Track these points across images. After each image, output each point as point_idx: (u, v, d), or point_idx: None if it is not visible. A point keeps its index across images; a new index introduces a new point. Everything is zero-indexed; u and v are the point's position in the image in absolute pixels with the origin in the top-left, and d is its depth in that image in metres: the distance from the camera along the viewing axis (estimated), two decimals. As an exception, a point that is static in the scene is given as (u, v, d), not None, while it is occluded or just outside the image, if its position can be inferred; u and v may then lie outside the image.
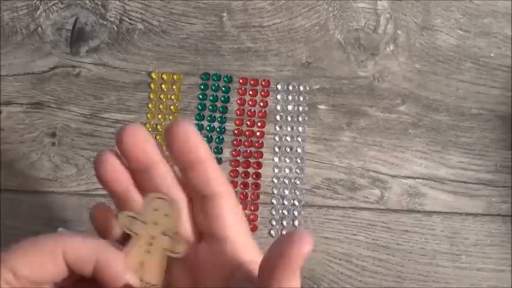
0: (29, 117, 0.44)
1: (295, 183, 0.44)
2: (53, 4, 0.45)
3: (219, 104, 0.44)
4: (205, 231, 0.28)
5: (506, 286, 0.43)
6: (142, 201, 0.28)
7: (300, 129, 0.44)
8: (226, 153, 0.43)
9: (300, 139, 0.44)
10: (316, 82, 0.44)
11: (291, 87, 0.44)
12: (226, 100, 0.44)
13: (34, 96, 0.44)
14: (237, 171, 0.43)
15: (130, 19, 0.44)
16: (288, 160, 0.44)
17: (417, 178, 0.44)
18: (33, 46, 0.44)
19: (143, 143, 0.28)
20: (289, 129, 0.44)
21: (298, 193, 0.44)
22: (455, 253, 0.43)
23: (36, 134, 0.43)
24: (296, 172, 0.44)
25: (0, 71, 0.44)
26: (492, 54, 0.45)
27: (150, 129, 0.43)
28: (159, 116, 0.43)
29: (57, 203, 0.43)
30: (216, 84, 0.44)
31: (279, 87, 0.44)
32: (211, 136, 0.43)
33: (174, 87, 0.43)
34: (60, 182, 0.43)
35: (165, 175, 0.29)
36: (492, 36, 0.45)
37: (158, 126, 0.43)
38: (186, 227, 0.29)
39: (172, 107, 0.43)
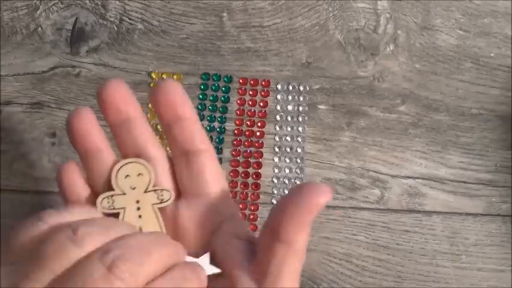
0: (29, 117, 0.44)
1: (295, 183, 0.44)
2: (53, 4, 0.45)
3: (219, 104, 0.44)
4: (186, 189, 0.29)
5: (506, 286, 0.43)
6: (111, 176, 0.28)
7: (300, 129, 0.44)
8: (226, 153, 0.43)
9: (300, 139, 0.44)
10: (316, 82, 0.44)
11: (291, 87, 0.44)
12: (226, 100, 0.44)
13: (34, 96, 0.44)
14: (237, 171, 0.43)
15: (130, 19, 0.44)
16: (288, 160, 0.44)
17: (417, 178, 0.44)
18: (33, 46, 0.44)
19: (125, 95, 0.28)
20: (289, 129, 0.44)
21: (298, 193, 0.44)
22: (455, 253, 0.43)
23: (36, 134, 0.43)
24: (296, 172, 0.44)
25: (0, 71, 0.44)
26: (492, 54, 0.45)
27: (150, 129, 0.43)
28: (159, 116, 0.43)
29: (57, 203, 0.43)
30: (216, 84, 0.44)
31: (279, 87, 0.44)
32: (211, 136, 0.43)
33: (174, 87, 0.43)
34: (60, 182, 0.43)
35: (144, 129, 0.29)
36: (492, 36, 0.45)
37: (158, 126, 0.43)
38: (167, 185, 0.29)
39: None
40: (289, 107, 0.44)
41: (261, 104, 0.44)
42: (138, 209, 0.29)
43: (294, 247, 0.25)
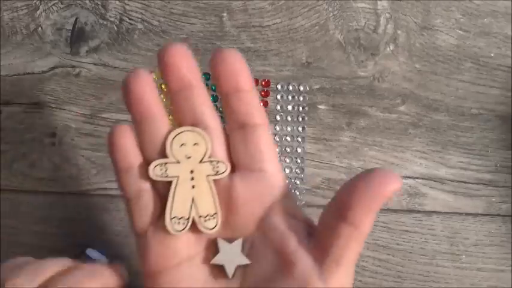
0: (29, 117, 0.44)
1: (295, 183, 0.44)
2: (53, 4, 0.45)
3: (219, 104, 0.44)
4: (241, 163, 0.28)
5: (506, 286, 0.43)
6: (165, 143, 0.27)
7: (300, 129, 0.44)
8: (226, 153, 0.43)
9: (300, 139, 0.44)
10: (316, 82, 0.44)
11: (291, 87, 0.44)
12: (226, 100, 0.44)
13: (34, 96, 0.44)
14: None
15: (130, 19, 0.44)
16: (288, 160, 0.44)
17: (417, 178, 0.44)
18: (33, 46, 0.44)
19: (188, 60, 0.27)
20: (289, 129, 0.44)
21: (298, 193, 0.44)
22: (455, 253, 0.43)
23: (36, 134, 0.43)
24: (296, 172, 0.44)
25: (0, 71, 0.44)
26: (492, 54, 0.45)
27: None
28: (159, 116, 0.43)
29: (57, 203, 0.43)
30: (216, 84, 0.44)
31: (279, 87, 0.44)
32: (211, 136, 0.43)
33: (174, 87, 0.43)
34: (60, 182, 0.43)
35: (203, 98, 0.28)
36: (492, 36, 0.45)
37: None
38: (221, 157, 0.28)
39: (172, 107, 0.43)
40: (289, 107, 0.44)
41: (261, 104, 0.44)
42: (192, 179, 0.28)
43: (360, 230, 0.24)
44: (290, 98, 0.44)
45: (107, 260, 0.37)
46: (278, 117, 0.44)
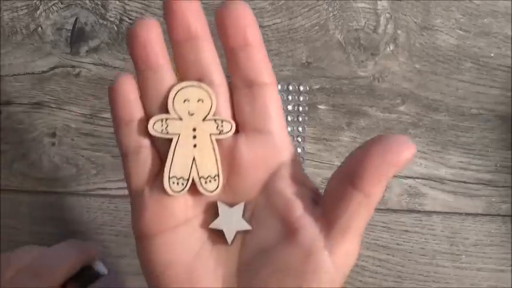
0: (29, 117, 0.44)
1: (295, 183, 0.44)
2: (53, 4, 0.45)
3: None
4: (247, 123, 0.26)
5: (506, 286, 0.43)
6: (168, 98, 0.26)
7: (300, 129, 0.44)
8: (226, 153, 0.43)
9: (300, 139, 0.44)
10: (316, 82, 0.44)
11: (291, 87, 0.44)
12: (226, 100, 0.44)
13: (34, 96, 0.44)
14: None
15: (130, 19, 0.44)
16: (288, 160, 0.44)
17: (417, 178, 0.44)
18: (33, 46, 0.44)
19: (196, 10, 0.26)
20: (289, 129, 0.44)
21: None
22: (455, 253, 0.43)
23: (36, 134, 0.43)
24: (296, 172, 0.44)
25: (0, 71, 0.44)
26: (492, 54, 0.45)
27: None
28: (159, 116, 0.43)
29: (57, 203, 0.43)
30: (216, 84, 0.44)
31: (279, 87, 0.44)
32: (211, 136, 0.43)
33: (174, 87, 0.43)
34: (60, 182, 0.43)
35: (210, 52, 0.26)
36: (492, 36, 0.45)
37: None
38: (226, 116, 0.26)
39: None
40: (289, 107, 0.44)
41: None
42: (194, 137, 0.26)
43: (370, 198, 0.23)
44: (290, 98, 0.44)
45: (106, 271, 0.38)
46: (278, 117, 0.44)
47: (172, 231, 0.25)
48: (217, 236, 0.26)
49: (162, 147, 0.26)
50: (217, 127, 0.26)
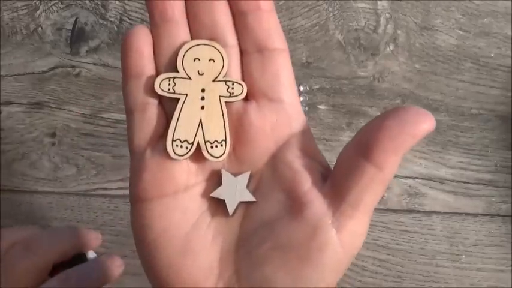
0: (29, 117, 0.44)
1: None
2: (53, 4, 0.45)
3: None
4: (257, 90, 0.25)
5: (506, 286, 0.43)
6: (178, 56, 0.24)
7: (300, 129, 0.44)
8: (226, 153, 0.43)
9: (300, 139, 0.44)
10: (316, 82, 0.44)
11: (291, 87, 0.44)
12: (226, 100, 0.44)
13: (34, 96, 0.44)
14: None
15: (130, 19, 0.44)
16: (288, 160, 0.44)
17: (417, 178, 0.44)
18: (33, 46, 0.44)
19: None
20: (289, 129, 0.44)
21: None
22: (455, 253, 0.43)
23: (36, 134, 0.43)
24: (296, 172, 0.44)
25: (0, 71, 0.44)
26: (492, 54, 0.45)
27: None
28: (159, 116, 0.43)
29: (57, 203, 0.43)
30: (216, 84, 0.44)
31: (279, 87, 0.44)
32: (211, 136, 0.43)
33: (174, 87, 0.43)
34: (60, 182, 0.43)
35: (226, 11, 0.25)
36: (492, 36, 0.45)
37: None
38: (238, 78, 0.25)
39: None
40: (289, 107, 0.44)
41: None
42: (203, 99, 0.25)
43: (383, 172, 0.22)
44: None
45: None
46: (278, 117, 0.44)
47: (171, 196, 0.24)
48: (218, 206, 0.24)
49: (169, 108, 0.25)
50: (227, 89, 0.25)
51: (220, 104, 0.25)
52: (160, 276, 0.24)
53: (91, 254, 0.37)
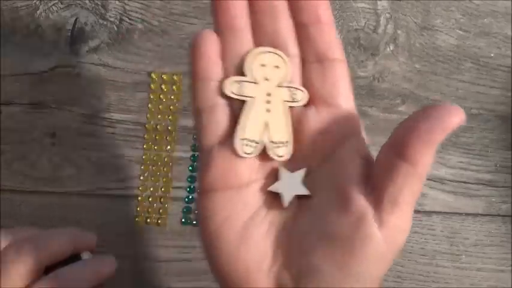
0: (29, 117, 0.44)
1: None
2: (53, 4, 0.45)
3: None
4: (317, 96, 0.27)
5: (506, 286, 0.43)
6: (245, 61, 0.27)
7: (300, 129, 0.44)
8: (226, 153, 0.43)
9: (300, 139, 0.44)
10: (316, 82, 0.44)
11: (291, 87, 0.44)
12: (226, 100, 0.44)
13: (34, 96, 0.44)
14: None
15: (130, 19, 0.44)
16: (288, 160, 0.44)
17: (417, 178, 0.44)
18: (33, 46, 0.44)
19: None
20: (289, 129, 0.44)
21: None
22: (455, 253, 0.43)
23: (36, 134, 0.43)
24: (296, 172, 0.44)
25: (0, 71, 0.44)
26: (492, 54, 0.45)
27: (150, 130, 0.43)
28: (159, 116, 0.43)
29: (57, 203, 0.43)
30: (216, 84, 0.44)
31: (279, 87, 0.44)
32: (211, 136, 0.43)
33: (174, 87, 0.43)
34: (60, 182, 0.43)
35: (289, 23, 0.27)
36: (492, 36, 0.45)
37: (158, 127, 0.43)
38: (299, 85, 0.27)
39: (172, 107, 0.43)
40: (289, 107, 0.44)
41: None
42: (268, 102, 0.27)
43: (418, 168, 0.23)
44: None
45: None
46: (278, 117, 0.44)
47: (234, 190, 0.26)
48: (274, 199, 0.26)
49: (235, 109, 0.27)
50: (290, 95, 0.27)
51: (284, 107, 0.27)
52: (220, 263, 0.26)
53: (86, 255, 0.37)
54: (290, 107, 0.27)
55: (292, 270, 0.25)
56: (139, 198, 0.42)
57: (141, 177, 0.43)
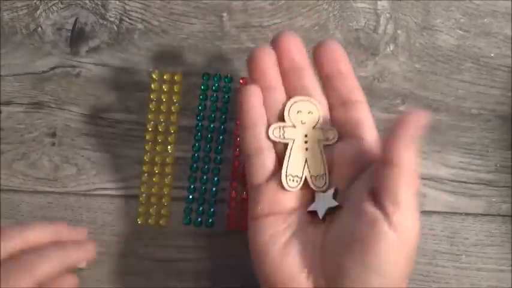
0: (29, 117, 0.44)
1: (295, 183, 0.44)
2: (53, 4, 0.45)
3: (219, 104, 0.44)
4: (343, 132, 0.33)
5: (506, 286, 0.43)
6: (285, 110, 0.32)
7: (300, 129, 0.44)
8: (227, 153, 0.43)
9: (300, 139, 0.44)
10: (316, 82, 0.44)
11: (291, 87, 0.44)
12: (227, 100, 0.44)
13: (34, 96, 0.44)
14: (238, 171, 0.43)
15: (130, 19, 0.44)
16: (288, 160, 0.44)
17: (417, 178, 0.44)
18: (33, 46, 0.44)
19: (299, 46, 0.33)
20: (289, 129, 0.44)
21: (298, 193, 0.44)
22: (455, 253, 0.43)
23: (36, 134, 0.43)
24: (296, 172, 0.44)
25: (0, 71, 0.44)
26: (492, 54, 0.45)
27: (150, 130, 0.43)
28: (159, 116, 0.43)
29: (57, 203, 0.43)
30: (217, 85, 0.44)
31: (279, 87, 0.44)
32: (211, 136, 0.43)
33: (174, 87, 0.43)
34: (60, 182, 0.43)
35: (313, 79, 0.33)
36: (492, 36, 0.45)
37: (158, 127, 0.43)
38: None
39: (172, 107, 0.43)
40: (289, 107, 0.44)
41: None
42: (306, 142, 0.32)
43: (403, 167, 0.28)
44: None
45: None
46: (278, 117, 0.44)
47: (279, 215, 0.32)
48: (312, 218, 0.32)
49: (278, 150, 0.33)
50: (323, 134, 0.33)
51: (320, 146, 0.33)
52: (266, 273, 0.31)
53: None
54: (324, 145, 0.32)
55: (327, 274, 0.30)
56: (140, 198, 0.42)
57: (142, 177, 0.43)
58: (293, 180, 0.32)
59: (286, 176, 0.32)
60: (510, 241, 0.43)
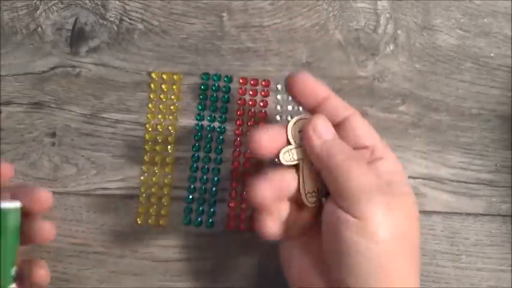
0: (29, 117, 0.44)
1: (295, 183, 0.44)
2: (53, 4, 0.45)
3: (219, 104, 0.44)
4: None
5: (506, 286, 0.43)
6: (287, 132, 0.33)
7: (300, 129, 0.44)
8: (227, 153, 0.43)
9: (300, 139, 0.44)
10: (316, 82, 0.44)
11: (291, 87, 0.44)
12: (227, 100, 0.44)
13: (34, 96, 0.44)
14: (238, 171, 0.43)
15: (130, 19, 0.44)
16: (288, 160, 0.44)
17: (417, 178, 0.44)
18: (33, 46, 0.44)
19: (311, 83, 0.35)
20: (289, 129, 0.44)
21: (298, 193, 0.44)
22: (455, 253, 0.43)
23: (36, 134, 0.43)
24: (296, 172, 0.44)
25: (0, 71, 0.44)
26: (492, 54, 0.45)
27: (150, 130, 0.43)
28: (159, 116, 0.43)
29: (57, 203, 0.43)
30: (216, 84, 0.44)
31: (279, 87, 0.44)
32: (211, 136, 0.43)
33: (174, 87, 0.43)
34: (60, 182, 0.43)
35: (339, 100, 0.36)
36: (492, 36, 0.45)
37: (158, 127, 0.43)
38: None
39: (172, 107, 0.43)
40: (289, 107, 0.44)
41: (261, 104, 0.44)
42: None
43: (313, 156, 0.33)
44: (290, 98, 0.44)
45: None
46: (278, 118, 0.44)
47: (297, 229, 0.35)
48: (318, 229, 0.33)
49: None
50: None
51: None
52: (292, 280, 0.35)
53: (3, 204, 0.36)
54: None
55: (332, 283, 0.32)
56: (140, 198, 0.42)
57: (142, 177, 0.43)
58: (312, 196, 0.33)
59: (305, 193, 0.33)
60: (510, 241, 0.43)
